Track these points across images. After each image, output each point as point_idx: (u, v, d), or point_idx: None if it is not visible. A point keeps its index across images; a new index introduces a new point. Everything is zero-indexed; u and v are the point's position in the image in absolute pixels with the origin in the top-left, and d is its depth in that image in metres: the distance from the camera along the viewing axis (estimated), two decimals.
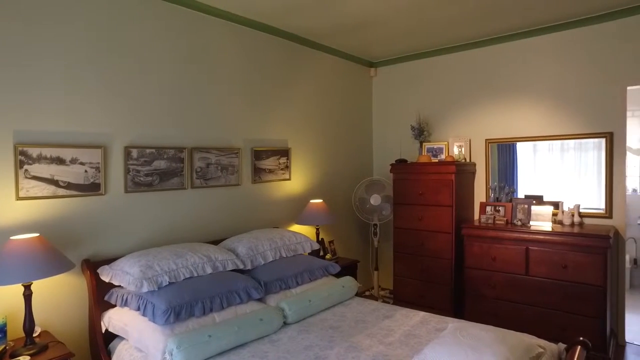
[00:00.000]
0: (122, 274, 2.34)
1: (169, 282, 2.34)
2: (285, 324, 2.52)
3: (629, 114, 3.54)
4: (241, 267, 2.77)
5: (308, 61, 4.11)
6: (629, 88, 3.44)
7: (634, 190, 5.08)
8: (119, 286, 2.45)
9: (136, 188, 2.73)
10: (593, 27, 3.56)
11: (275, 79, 3.76)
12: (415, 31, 3.86)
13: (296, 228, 3.89)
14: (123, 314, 2.36)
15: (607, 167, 3.53)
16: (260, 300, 2.68)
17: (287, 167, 3.84)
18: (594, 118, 3.58)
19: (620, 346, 3.48)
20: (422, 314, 2.71)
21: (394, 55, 4.68)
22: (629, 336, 3.59)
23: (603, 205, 3.57)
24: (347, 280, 3.07)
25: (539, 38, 3.82)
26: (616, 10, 3.41)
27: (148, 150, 2.79)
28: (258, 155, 3.55)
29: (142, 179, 2.76)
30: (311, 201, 3.87)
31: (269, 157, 3.66)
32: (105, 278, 2.41)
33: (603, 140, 3.55)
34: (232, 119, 3.37)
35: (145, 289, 2.23)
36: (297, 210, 3.94)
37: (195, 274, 2.48)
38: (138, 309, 2.27)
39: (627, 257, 4.78)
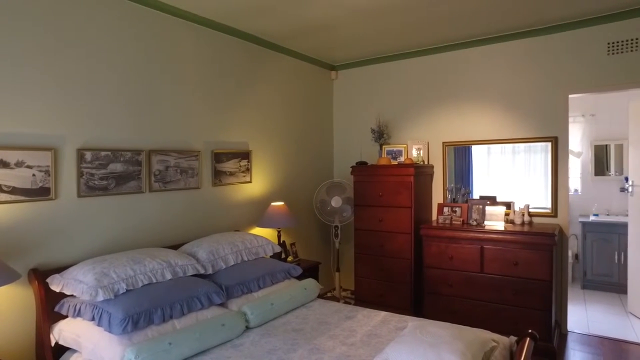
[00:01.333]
0: (74, 283, 2.23)
1: (127, 290, 2.26)
2: (247, 328, 2.50)
3: (570, 119, 3.79)
4: (202, 271, 2.71)
5: (269, 63, 4.10)
6: (570, 96, 3.69)
7: (576, 191, 5.43)
8: (71, 296, 2.33)
9: (90, 192, 2.62)
10: (539, 39, 3.79)
11: (236, 80, 3.72)
12: (375, 36, 3.94)
13: (257, 231, 3.86)
14: (75, 325, 2.25)
15: (553, 169, 3.76)
16: (222, 305, 2.64)
17: (248, 170, 3.81)
18: (541, 123, 3.81)
19: (563, 335, 3.72)
20: (383, 313, 2.77)
21: (355, 58, 4.75)
22: (570, 325, 3.85)
23: (549, 205, 3.80)
24: (309, 282, 3.09)
25: (492, 46, 4.01)
26: (559, 24, 3.65)
27: (103, 153, 2.68)
28: (218, 157, 3.50)
29: (96, 182, 2.64)
30: (272, 204, 3.85)
31: (230, 160, 3.61)
32: (56, 288, 2.29)
33: (549, 144, 3.78)
34: (191, 121, 3.30)
35: (100, 298, 2.14)
36: (258, 213, 3.91)
37: (154, 280, 2.40)
38: (92, 319, 2.17)
39: (570, 253, 5.11)
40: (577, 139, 5.43)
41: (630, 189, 4.21)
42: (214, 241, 3.00)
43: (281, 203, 3.88)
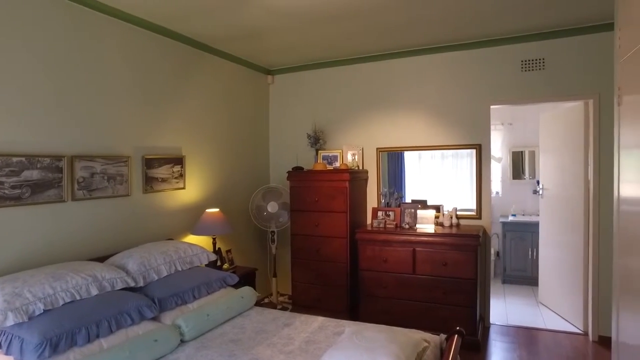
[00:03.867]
0: None
1: (44, 310, 2.06)
2: (182, 342, 2.40)
3: (492, 127, 4.10)
4: (132, 284, 2.57)
5: (204, 66, 3.98)
6: (492, 107, 3.99)
7: (497, 193, 5.88)
8: None
9: None
10: (465, 52, 4.06)
11: (169, 83, 3.56)
12: (312, 43, 3.98)
13: (192, 239, 3.73)
14: None
15: (477, 174, 4.04)
16: (154, 319, 2.51)
17: (182, 176, 3.67)
18: (467, 131, 4.07)
19: (486, 328, 4.01)
20: (320, 319, 2.80)
21: (292, 64, 4.76)
22: (492, 318, 4.17)
23: (474, 206, 4.08)
24: (246, 290, 3.04)
25: (423, 57, 4.22)
26: (482, 40, 3.94)
27: (15, 159, 2.43)
28: (150, 163, 3.33)
29: (7, 191, 2.39)
30: (207, 210, 3.75)
31: (162, 166, 3.46)
32: None
33: (474, 151, 4.05)
34: (120, 125, 3.11)
35: (10, 322, 1.92)
36: (192, 220, 3.78)
37: (78, 297, 2.23)
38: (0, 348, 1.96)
39: (492, 251, 5.51)
40: (498, 146, 5.89)
41: (541, 192, 4.64)
42: (145, 251, 2.85)
43: (216, 209, 3.78)
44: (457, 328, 2.32)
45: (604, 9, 3.21)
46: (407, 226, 3.91)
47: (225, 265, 3.87)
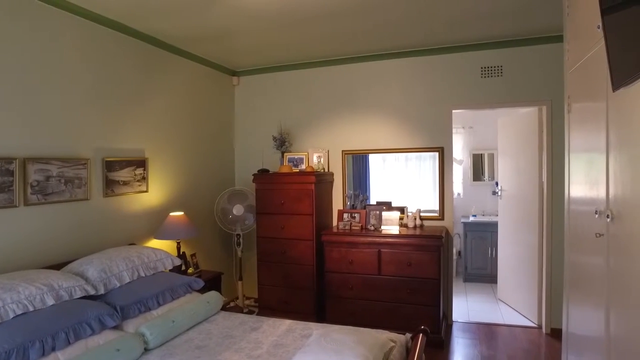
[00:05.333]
0: None
1: None
2: (146, 350, 2.33)
3: (453, 130, 4.24)
4: (92, 292, 2.47)
5: (168, 66, 3.89)
6: (453, 111, 4.12)
7: (458, 194, 6.07)
8: None
9: None
10: (428, 58, 4.18)
11: (131, 83, 3.46)
12: (277, 45, 3.98)
13: (155, 243, 3.63)
14: None
15: (440, 176, 4.16)
16: (116, 327, 2.43)
17: (144, 179, 3.57)
18: (430, 135, 4.19)
19: (449, 325, 4.13)
20: (288, 322, 2.79)
21: (257, 65, 4.74)
22: (455, 316, 4.30)
23: (437, 207, 4.20)
24: (212, 295, 2.99)
25: (388, 62, 4.31)
26: (444, 46, 4.07)
27: None
28: (110, 166, 3.22)
29: None
30: (171, 214, 3.67)
31: (124, 168, 3.35)
32: None
33: (437, 153, 4.17)
34: (78, 126, 2.98)
35: None
36: (155, 224, 3.69)
37: (32, 309, 2.11)
38: None
39: (454, 250, 5.69)
40: (459, 148, 6.08)
41: (499, 193, 4.84)
42: (106, 257, 2.75)
43: (180, 213, 3.71)
44: (422, 327, 2.38)
45: (556, 21, 3.39)
46: (372, 228, 3.97)
47: (190, 270, 3.80)
